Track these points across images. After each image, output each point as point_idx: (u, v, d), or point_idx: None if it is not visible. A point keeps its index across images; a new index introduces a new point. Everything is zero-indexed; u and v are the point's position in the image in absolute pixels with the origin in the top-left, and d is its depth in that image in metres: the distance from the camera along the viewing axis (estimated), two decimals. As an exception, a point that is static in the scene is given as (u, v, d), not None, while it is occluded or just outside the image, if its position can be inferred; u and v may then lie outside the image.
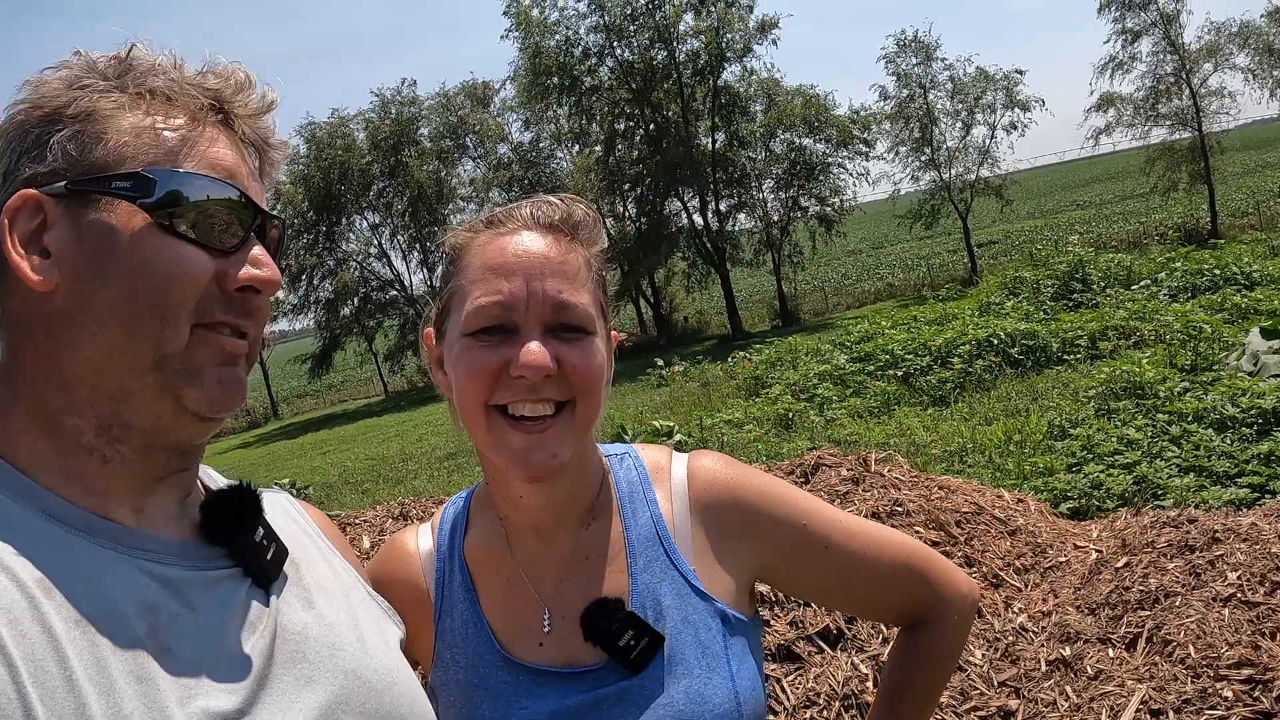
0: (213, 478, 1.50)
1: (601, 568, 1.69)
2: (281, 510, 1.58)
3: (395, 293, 53.11)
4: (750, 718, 1.62)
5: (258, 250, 1.31)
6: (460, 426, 1.66)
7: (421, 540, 1.85)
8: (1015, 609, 4.71)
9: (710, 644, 1.62)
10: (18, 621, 1.08)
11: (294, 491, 17.51)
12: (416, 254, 52.99)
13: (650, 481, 1.77)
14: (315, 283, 50.95)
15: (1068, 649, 4.31)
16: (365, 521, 6.36)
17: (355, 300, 52.25)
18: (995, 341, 16.38)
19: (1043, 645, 4.34)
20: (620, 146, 43.45)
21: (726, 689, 1.59)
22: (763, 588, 3.14)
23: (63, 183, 1.25)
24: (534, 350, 1.52)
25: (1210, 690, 3.81)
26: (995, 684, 4.14)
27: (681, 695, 1.58)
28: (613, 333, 1.73)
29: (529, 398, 1.55)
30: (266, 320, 1.38)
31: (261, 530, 1.40)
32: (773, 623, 4.38)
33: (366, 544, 5.70)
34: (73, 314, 1.24)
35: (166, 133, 1.29)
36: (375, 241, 53.22)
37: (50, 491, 1.22)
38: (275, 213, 1.42)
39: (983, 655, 4.28)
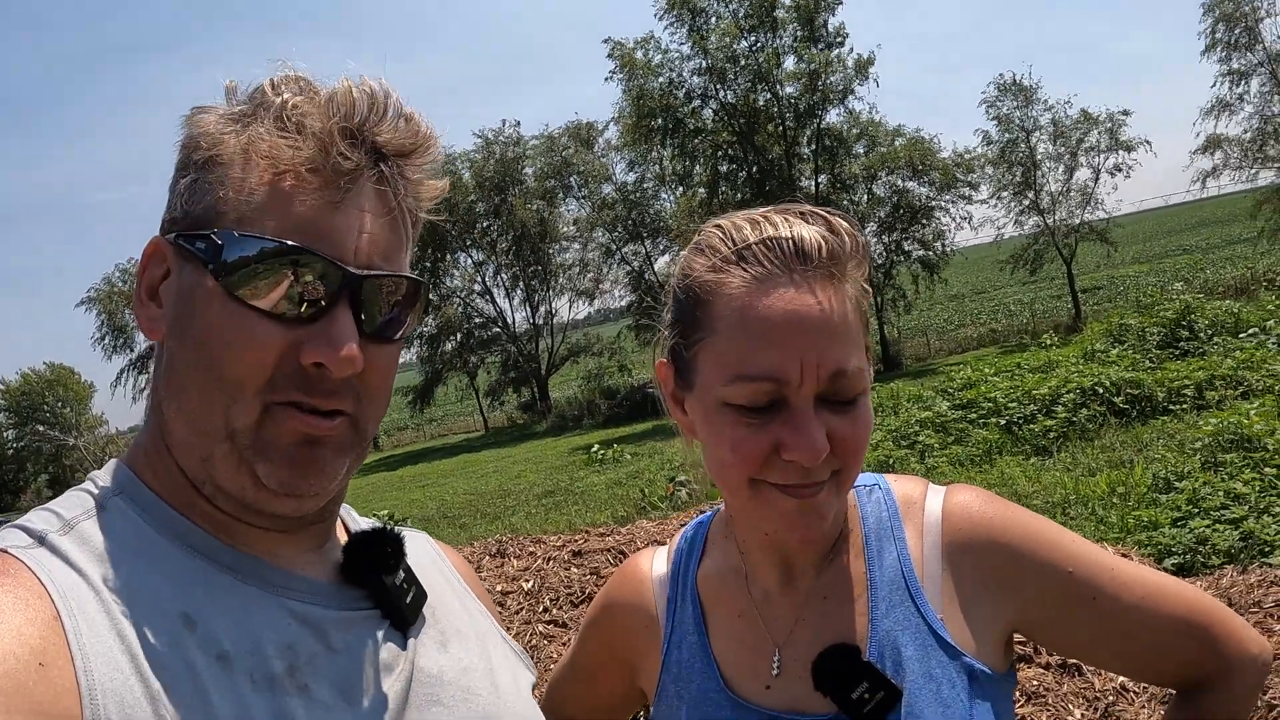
0: (354, 518, 1.50)
1: (840, 609, 1.53)
2: (422, 552, 1.56)
3: (497, 330, 53.56)
4: None
5: (337, 325, 1.19)
6: (711, 477, 1.51)
7: (656, 564, 1.76)
8: (1116, 668, 4.68)
9: (953, 703, 1.43)
10: (159, 653, 1.08)
11: (391, 523, 17.72)
12: (520, 292, 53.45)
13: (900, 517, 1.59)
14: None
15: (1169, 710, 4.27)
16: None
17: (458, 336, 52.68)
18: (1100, 390, 15.89)
19: (1144, 706, 4.30)
20: (723, 188, 43.04)
21: None
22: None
23: (173, 234, 1.23)
24: (813, 438, 1.36)
25: (1315, 758, 3.76)
26: (1094, 743, 4.11)
27: None
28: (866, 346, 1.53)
29: (799, 480, 1.40)
30: (376, 395, 1.28)
31: (402, 573, 1.38)
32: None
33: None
34: (172, 366, 1.23)
35: (266, 188, 1.20)
36: (479, 279, 53.74)
37: (192, 523, 1.22)
38: (409, 274, 1.29)
39: (1081, 715, 4.26)
